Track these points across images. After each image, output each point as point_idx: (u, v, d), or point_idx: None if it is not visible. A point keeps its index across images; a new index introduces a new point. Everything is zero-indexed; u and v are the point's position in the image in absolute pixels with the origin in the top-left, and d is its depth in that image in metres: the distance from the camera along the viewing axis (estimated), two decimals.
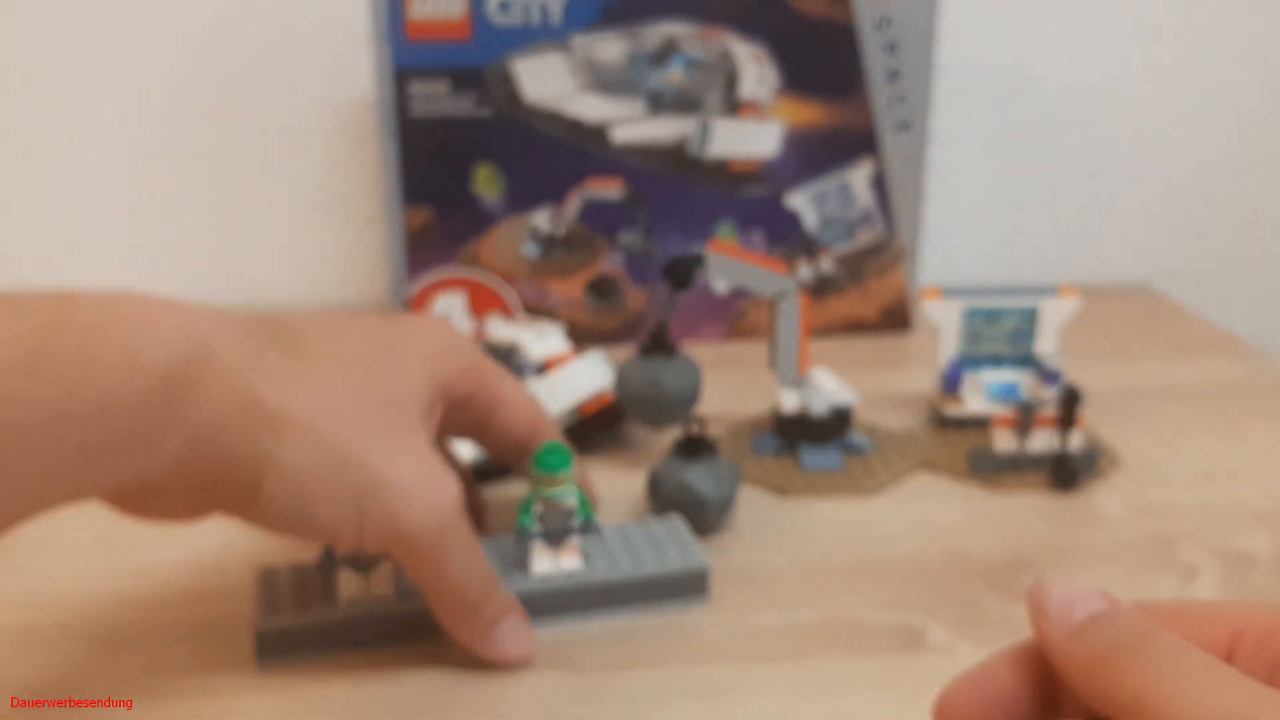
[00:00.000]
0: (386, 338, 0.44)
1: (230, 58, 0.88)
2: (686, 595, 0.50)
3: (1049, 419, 0.61)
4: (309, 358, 0.41)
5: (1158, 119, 0.99)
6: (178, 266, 0.92)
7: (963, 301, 0.67)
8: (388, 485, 0.40)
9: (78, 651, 0.47)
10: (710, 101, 0.79)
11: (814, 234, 0.83)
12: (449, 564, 0.42)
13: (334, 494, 0.39)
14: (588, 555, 0.50)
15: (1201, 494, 0.61)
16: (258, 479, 0.38)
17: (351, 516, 0.40)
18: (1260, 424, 0.70)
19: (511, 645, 0.45)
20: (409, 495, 0.40)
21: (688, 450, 0.56)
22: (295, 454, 0.38)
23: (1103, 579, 0.53)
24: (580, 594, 0.49)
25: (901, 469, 0.63)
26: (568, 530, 0.49)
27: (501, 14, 0.74)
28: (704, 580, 0.50)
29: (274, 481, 0.38)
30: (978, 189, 0.99)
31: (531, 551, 0.49)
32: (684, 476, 0.55)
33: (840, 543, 0.56)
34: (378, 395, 0.41)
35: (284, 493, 0.38)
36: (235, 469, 0.38)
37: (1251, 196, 1.02)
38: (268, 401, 0.38)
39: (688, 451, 0.56)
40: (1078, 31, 0.95)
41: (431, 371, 0.44)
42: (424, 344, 0.45)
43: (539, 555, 0.49)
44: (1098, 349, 0.83)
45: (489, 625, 0.44)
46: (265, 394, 0.38)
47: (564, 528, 0.49)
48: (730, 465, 0.57)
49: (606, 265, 0.81)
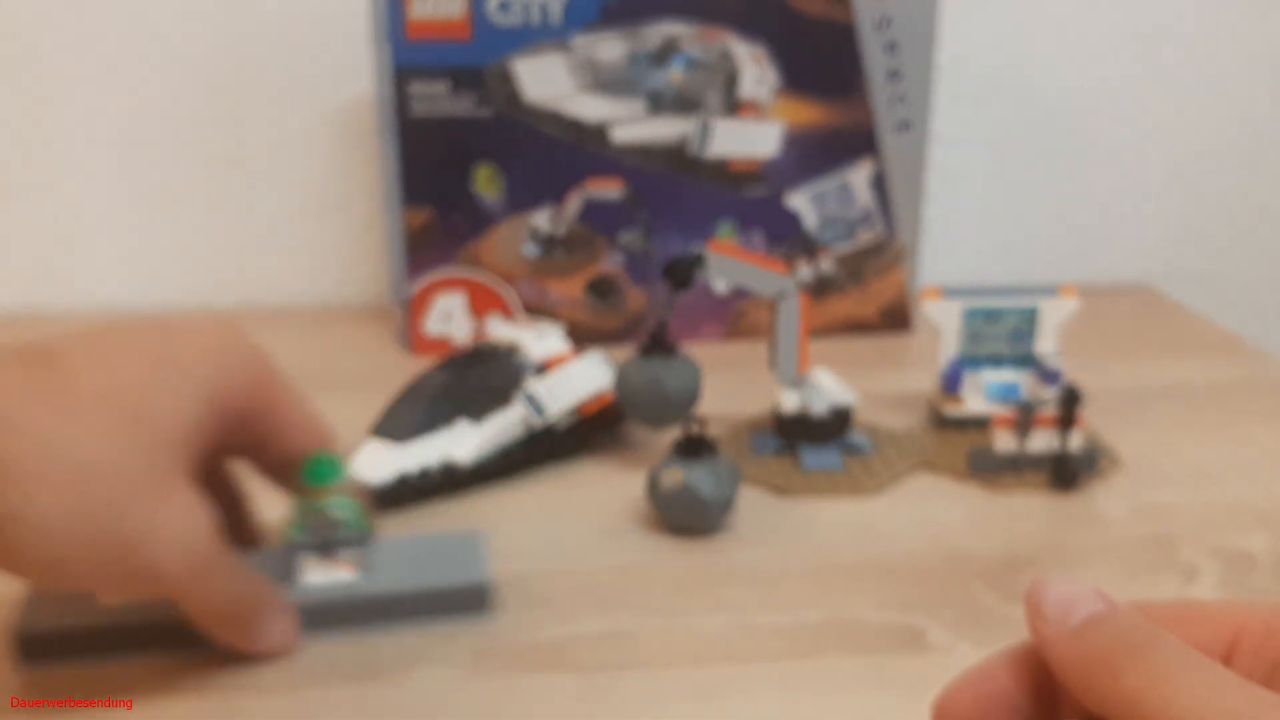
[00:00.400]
0: (158, 354, 0.41)
1: (230, 58, 0.88)
2: (466, 610, 0.49)
3: (1049, 419, 0.61)
4: (68, 386, 0.38)
5: (1157, 119, 0.99)
6: (177, 266, 0.92)
7: (963, 301, 0.67)
8: (146, 539, 0.38)
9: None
10: (710, 101, 0.79)
11: (814, 234, 0.83)
12: (211, 596, 0.42)
13: (86, 553, 0.37)
14: (369, 567, 0.49)
15: (1201, 494, 0.61)
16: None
17: (109, 574, 0.39)
18: (1260, 424, 0.70)
19: (276, 641, 0.46)
20: (168, 544, 0.39)
21: (688, 451, 0.56)
22: (43, 510, 0.36)
23: (1102, 579, 0.53)
24: (351, 607, 0.48)
25: (901, 469, 0.63)
26: (337, 542, 0.48)
27: (502, 14, 0.74)
28: (484, 595, 0.49)
29: (19, 537, 0.36)
30: (978, 189, 0.99)
31: (301, 563, 0.48)
32: (684, 477, 0.55)
33: (840, 543, 0.56)
34: (141, 431, 0.39)
35: (31, 548, 0.37)
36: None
37: (1251, 196, 1.02)
38: (10, 450, 0.36)
39: (688, 452, 0.56)
40: (1077, 32, 0.95)
41: (206, 390, 0.42)
42: (200, 359, 0.42)
43: (310, 567, 0.48)
44: (1098, 349, 0.83)
45: (258, 636, 0.45)
46: (8, 441, 0.36)
47: (334, 539, 0.48)
48: (730, 465, 0.57)
49: (606, 265, 0.82)
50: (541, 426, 0.63)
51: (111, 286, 0.92)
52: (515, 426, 0.62)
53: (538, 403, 0.63)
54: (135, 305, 0.93)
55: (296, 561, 0.48)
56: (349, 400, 0.73)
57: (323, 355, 0.82)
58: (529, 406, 0.62)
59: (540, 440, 0.63)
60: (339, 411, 0.71)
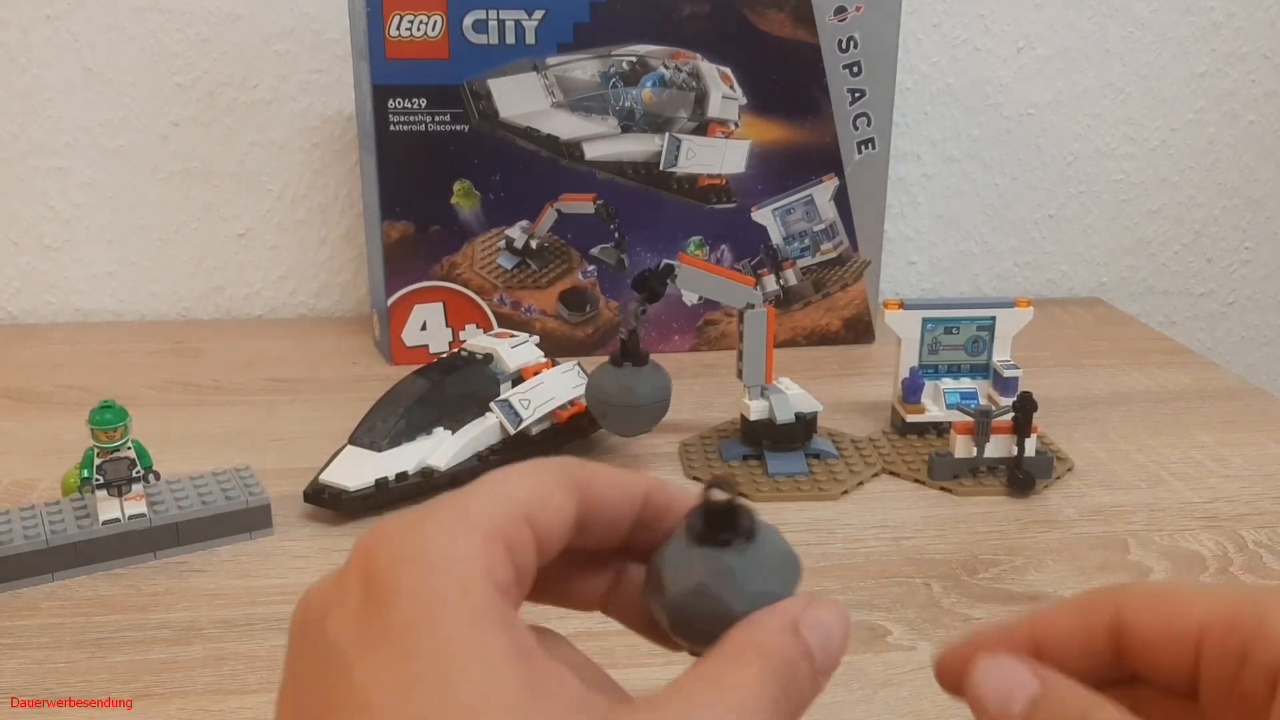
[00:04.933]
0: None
1: (212, 74, 0.89)
2: (252, 529, 0.57)
3: (1006, 426, 0.63)
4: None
5: (1108, 137, 1.02)
6: (158, 277, 0.93)
7: (922, 312, 0.69)
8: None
9: (78, 652, 0.48)
10: (680, 120, 0.81)
11: (779, 247, 0.85)
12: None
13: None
14: (156, 501, 0.56)
15: (1151, 497, 0.64)
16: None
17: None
18: (1207, 430, 0.73)
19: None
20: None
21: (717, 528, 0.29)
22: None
23: (1057, 579, 0.55)
24: (149, 534, 0.55)
25: (864, 474, 0.65)
26: (129, 479, 0.54)
27: (478, 34, 0.76)
28: (267, 514, 0.58)
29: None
30: (937, 204, 1.01)
31: (96, 501, 0.54)
32: (706, 578, 0.29)
33: (806, 544, 0.58)
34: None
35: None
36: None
37: (1200, 212, 1.06)
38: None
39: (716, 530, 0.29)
40: (1032, 54, 0.98)
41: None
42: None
43: (104, 504, 0.54)
44: (1052, 359, 0.86)
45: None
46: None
47: (125, 476, 0.54)
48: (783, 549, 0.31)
49: (580, 277, 0.83)
50: (516, 433, 0.64)
51: (91, 297, 0.93)
52: (491, 433, 0.64)
53: (513, 410, 0.64)
54: (115, 316, 0.93)
55: (94, 499, 0.54)
56: (329, 408, 0.74)
57: (303, 364, 0.83)
58: (504, 414, 0.64)
59: (515, 446, 0.65)
60: (319, 419, 0.73)
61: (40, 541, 0.52)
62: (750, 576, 0.28)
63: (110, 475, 0.54)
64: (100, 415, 0.53)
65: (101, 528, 0.54)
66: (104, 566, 0.54)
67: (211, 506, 0.56)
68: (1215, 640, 0.27)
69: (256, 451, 0.67)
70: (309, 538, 0.58)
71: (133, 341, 0.88)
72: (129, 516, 0.54)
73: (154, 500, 0.56)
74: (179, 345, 0.87)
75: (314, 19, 0.89)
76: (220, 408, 0.75)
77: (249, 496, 0.57)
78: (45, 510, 0.55)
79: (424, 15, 0.75)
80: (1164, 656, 0.28)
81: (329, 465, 0.60)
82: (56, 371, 0.81)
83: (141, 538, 0.54)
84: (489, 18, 0.76)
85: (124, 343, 0.88)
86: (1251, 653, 0.26)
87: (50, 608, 0.51)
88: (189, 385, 0.79)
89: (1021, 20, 0.97)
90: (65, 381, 0.79)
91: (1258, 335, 1.11)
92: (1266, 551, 0.58)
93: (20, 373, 0.81)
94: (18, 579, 0.52)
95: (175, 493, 0.57)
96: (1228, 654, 0.27)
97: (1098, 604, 0.29)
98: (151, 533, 0.55)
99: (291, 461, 0.65)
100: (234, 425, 0.72)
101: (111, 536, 0.54)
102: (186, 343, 0.87)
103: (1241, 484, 0.65)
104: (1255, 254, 1.08)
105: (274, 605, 0.52)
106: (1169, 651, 0.28)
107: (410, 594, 0.24)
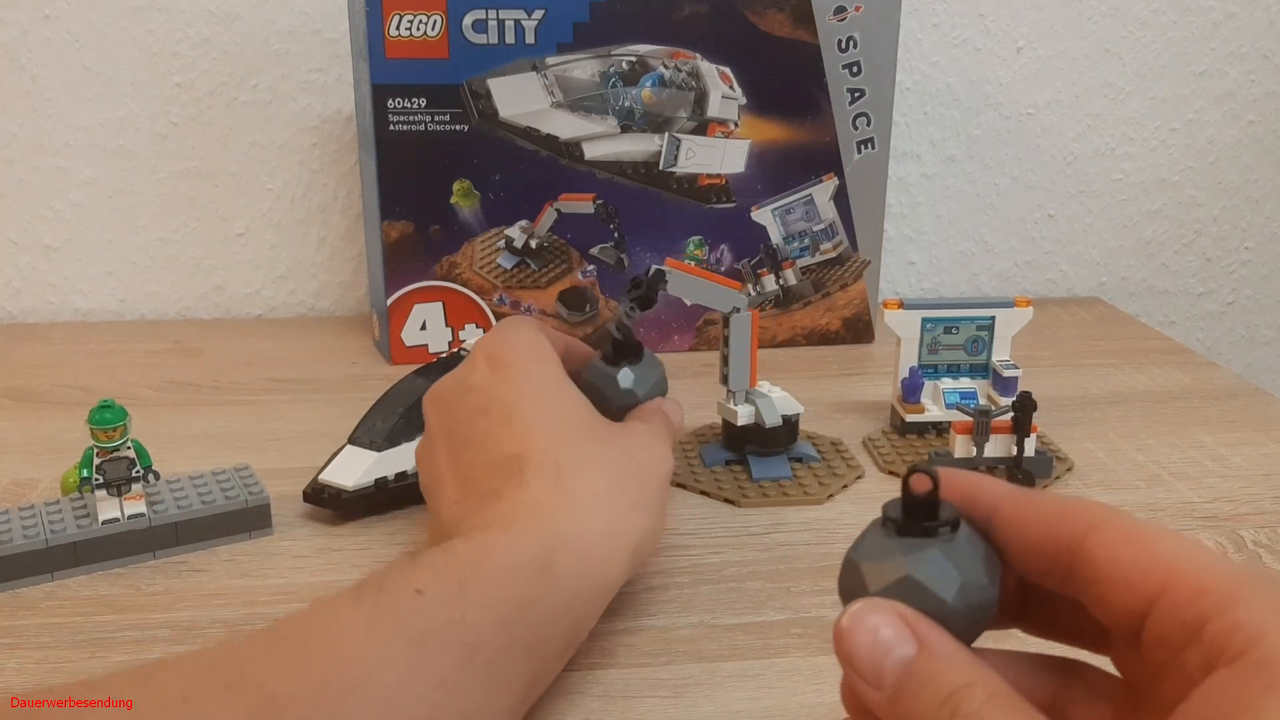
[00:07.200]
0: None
1: (212, 74, 0.89)
2: (252, 528, 0.57)
3: (1005, 426, 0.63)
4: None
5: (1107, 137, 1.02)
6: (158, 277, 0.93)
7: (922, 312, 0.69)
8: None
9: (78, 651, 0.48)
10: (680, 120, 0.81)
11: (779, 247, 0.85)
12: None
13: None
14: (155, 500, 0.56)
15: (1150, 496, 0.64)
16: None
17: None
18: (1206, 430, 0.73)
19: None
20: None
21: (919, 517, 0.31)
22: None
23: None
24: (148, 534, 0.55)
25: (848, 477, 0.65)
26: (129, 479, 0.54)
27: (478, 34, 0.76)
28: (267, 514, 0.57)
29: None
30: (937, 204, 1.01)
31: (96, 501, 0.54)
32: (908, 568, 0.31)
33: (803, 545, 0.58)
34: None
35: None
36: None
37: (1200, 212, 1.06)
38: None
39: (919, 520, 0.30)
40: (1032, 55, 0.98)
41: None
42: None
43: (104, 504, 0.54)
44: (1052, 358, 0.86)
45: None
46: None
47: (125, 476, 0.54)
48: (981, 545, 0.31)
49: (579, 277, 0.84)
50: None
51: (91, 297, 0.93)
52: None
53: None
54: (115, 315, 0.94)
55: (94, 499, 0.54)
56: (328, 408, 0.74)
57: (302, 364, 0.83)
58: None
59: None
60: (318, 419, 0.73)
61: (39, 541, 0.52)
62: (961, 567, 0.28)
63: (110, 475, 0.54)
64: (100, 415, 0.53)
65: (101, 527, 0.54)
66: (103, 566, 0.54)
67: (211, 506, 0.56)
68: (1174, 604, 0.25)
69: (256, 451, 0.67)
70: (308, 537, 0.58)
71: (133, 341, 0.88)
72: (128, 516, 0.54)
73: (153, 500, 0.56)
74: (179, 345, 0.87)
75: (314, 19, 0.89)
76: (220, 407, 0.75)
77: (249, 496, 0.57)
78: (44, 510, 0.55)
79: (424, 15, 0.75)
80: (1113, 596, 0.26)
81: (328, 465, 0.60)
82: (56, 371, 0.81)
83: (141, 537, 0.54)
84: (489, 17, 0.76)
85: (124, 342, 0.88)
86: (1207, 632, 0.24)
87: (49, 607, 0.51)
88: (189, 385, 0.79)
89: (1021, 20, 0.97)
90: (65, 381, 0.79)
91: (1257, 335, 1.11)
92: (1266, 551, 0.58)
93: (20, 372, 0.81)
94: (17, 579, 0.52)
95: (175, 492, 0.57)
96: (1181, 623, 0.25)
97: (1071, 516, 0.28)
98: (151, 532, 0.55)
99: (291, 461, 0.65)
100: (233, 425, 0.72)
101: (111, 536, 0.54)
102: (186, 342, 0.88)
103: (1241, 484, 0.65)
104: (1255, 254, 1.08)
105: (274, 605, 0.52)
106: (1121, 595, 0.26)
107: (522, 361, 0.49)
